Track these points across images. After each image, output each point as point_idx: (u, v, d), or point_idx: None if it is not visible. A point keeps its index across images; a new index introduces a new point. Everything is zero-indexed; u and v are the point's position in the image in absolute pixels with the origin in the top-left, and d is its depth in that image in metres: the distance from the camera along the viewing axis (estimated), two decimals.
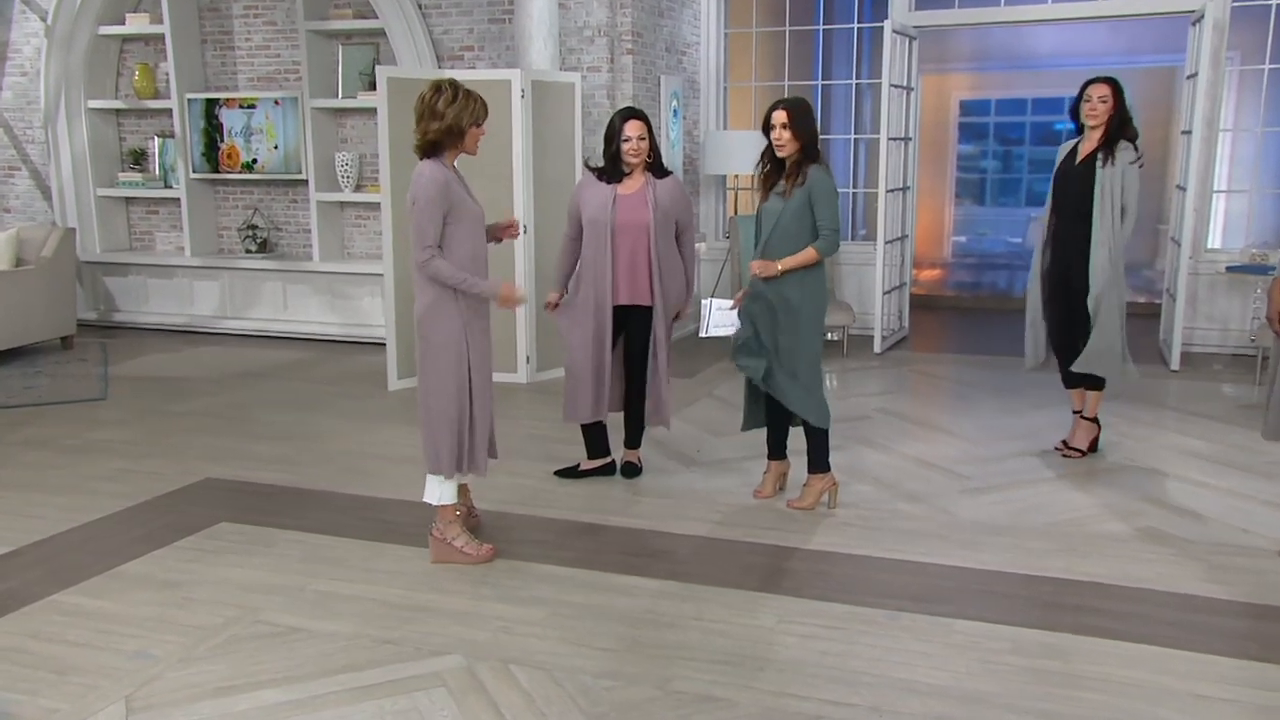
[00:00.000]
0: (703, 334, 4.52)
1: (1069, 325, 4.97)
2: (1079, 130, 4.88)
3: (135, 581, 3.70)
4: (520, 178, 6.40)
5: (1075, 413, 5.19)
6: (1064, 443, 5.18)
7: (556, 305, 4.70)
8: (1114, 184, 4.69)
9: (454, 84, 3.68)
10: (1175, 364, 6.98)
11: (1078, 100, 4.80)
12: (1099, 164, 4.71)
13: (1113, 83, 4.74)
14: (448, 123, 3.61)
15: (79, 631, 3.32)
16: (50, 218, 9.00)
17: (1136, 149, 4.75)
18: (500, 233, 3.97)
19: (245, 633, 3.31)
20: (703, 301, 4.53)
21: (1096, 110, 4.73)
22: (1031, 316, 5.11)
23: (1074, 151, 4.86)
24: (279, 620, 3.39)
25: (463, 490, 4.06)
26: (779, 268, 4.18)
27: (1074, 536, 4.10)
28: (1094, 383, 5.03)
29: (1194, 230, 7.12)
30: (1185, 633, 3.29)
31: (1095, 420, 5.13)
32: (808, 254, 4.17)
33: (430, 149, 3.68)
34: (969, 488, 4.70)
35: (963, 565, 3.83)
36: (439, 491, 3.84)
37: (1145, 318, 8.16)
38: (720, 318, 4.45)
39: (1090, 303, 4.79)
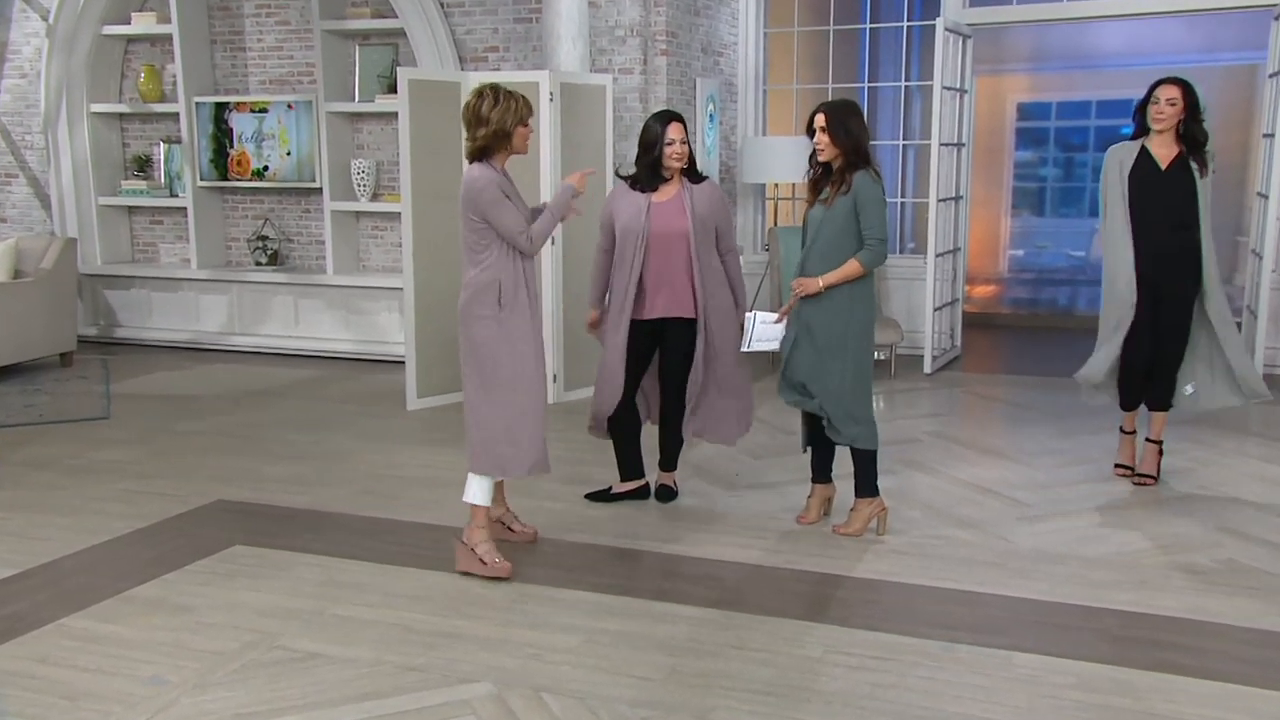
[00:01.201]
0: (744, 348, 4.60)
1: (1158, 341, 4.98)
2: (1139, 132, 4.94)
3: (147, 605, 3.82)
4: (548, 185, 6.52)
5: (1127, 433, 5.25)
6: (1129, 469, 5.22)
7: (597, 323, 4.81)
8: (1209, 194, 4.85)
9: (495, 88, 4.02)
10: None
11: (1145, 101, 4.86)
12: (1197, 173, 4.82)
13: (1183, 84, 4.80)
14: (493, 127, 3.96)
15: (90, 656, 3.44)
16: (49, 228, 9.23)
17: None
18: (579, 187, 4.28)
19: (263, 658, 3.41)
20: (746, 315, 4.61)
21: (1164, 113, 4.79)
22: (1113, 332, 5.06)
23: (1147, 155, 4.89)
24: (297, 645, 3.50)
25: (499, 497, 4.30)
26: (821, 284, 4.26)
27: (1143, 567, 4.14)
28: (1160, 403, 5.07)
29: (1277, 242, 7.13)
30: (1268, 671, 3.32)
31: (1159, 443, 5.17)
32: (851, 267, 4.25)
33: (480, 154, 4.03)
34: (1027, 514, 4.74)
35: (1021, 596, 3.88)
36: (474, 490, 4.08)
37: None
38: (764, 331, 4.53)
39: (1215, 315, 4.88)
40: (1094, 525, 4.61)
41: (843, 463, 4.58)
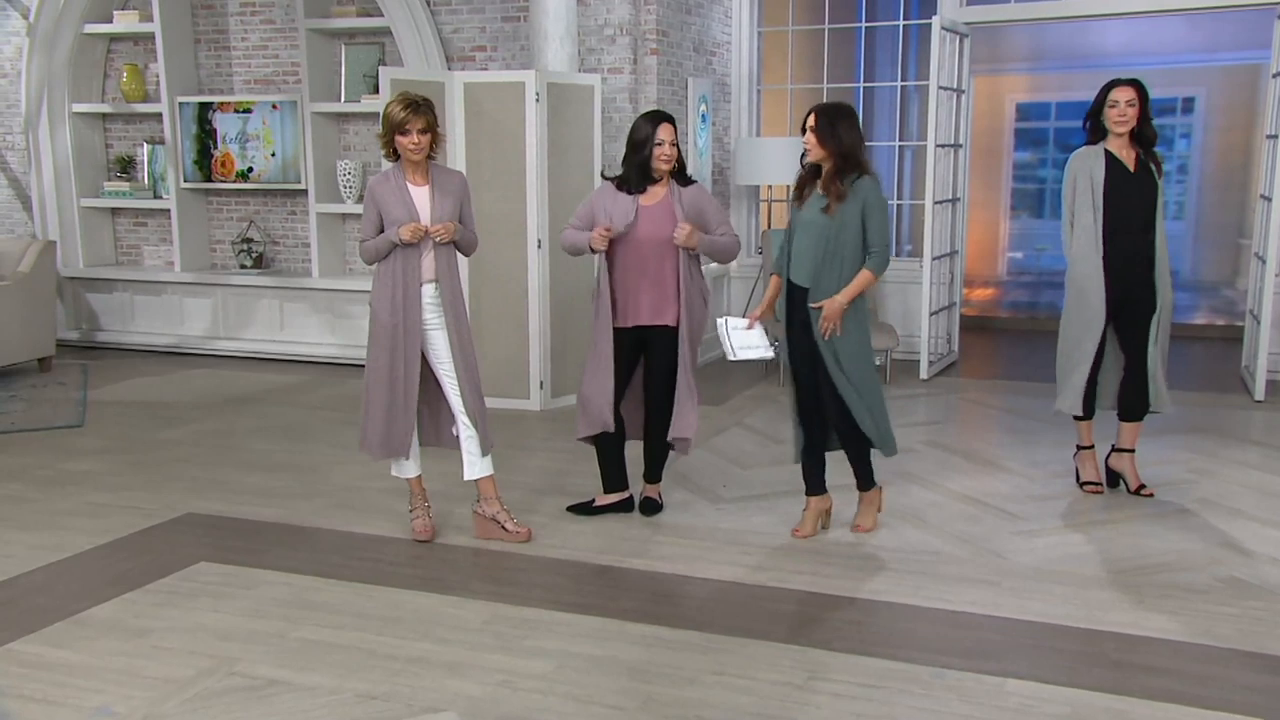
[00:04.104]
0: (731, 358, 4.47)
1: (1125, 346, 4.94)
2: (1092, 136, 4.88)
3: (102, 628, 3.66)
4: (534, 188, 6.38)
5: (1085, 448, 5.11)
6: (1099, 485, 5.08)
7: (608, 230, 4.46)
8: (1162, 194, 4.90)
9: (398, 97, 4.22)
10: (1260, 394, 6.85)
11: (1099, 105, 4.80)
12: (1156, 174, 4.85)
13: (1138, 84, 4.80)
14: (380, 131, 4.30)
15: (35, 685, 3.28)
16: (30, 229, 9.09)
17: None
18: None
19: (218, 686, 3.26)
20: (717, 322, 4.49)
21: (1126, 115, 4.76)
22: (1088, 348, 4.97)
23: (1115, 160, 4.82)
24: (256, 672, 3.34)
25: (490, 496, 4.47)
26: (843, 301, 4.21)
27: (1142, 586, 3.99)
28: (1131, 414, 4.97)
29: None
30: (1274, 700, 3.17)
31: (1133, 450, 5.07)
32: (865, 278, 4.24)
33: (390, 156, 4.33)
34: (1022, 529, 4.59)
35: (1015, 617, 3.73)
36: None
37: (1226, 342, 8.03)
38: (744, 339, 4.43)
39: (1156, 322, 4.82)
40: (1091, 540, 4.46)
41: (840, 474, 4.44)
